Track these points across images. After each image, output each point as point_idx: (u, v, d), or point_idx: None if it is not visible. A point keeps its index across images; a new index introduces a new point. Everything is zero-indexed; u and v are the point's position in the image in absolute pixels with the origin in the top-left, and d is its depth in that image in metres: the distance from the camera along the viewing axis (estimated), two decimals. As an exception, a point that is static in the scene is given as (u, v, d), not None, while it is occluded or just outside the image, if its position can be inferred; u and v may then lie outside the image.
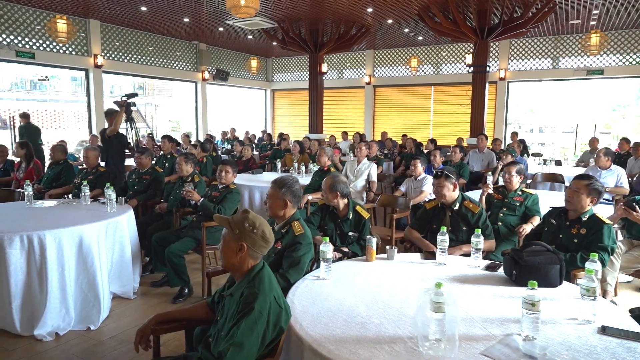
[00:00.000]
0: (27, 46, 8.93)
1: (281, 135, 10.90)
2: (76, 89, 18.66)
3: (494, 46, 11.70)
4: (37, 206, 4.04)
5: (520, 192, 4.03)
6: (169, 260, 3.73)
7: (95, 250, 3.38)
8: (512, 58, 11.86)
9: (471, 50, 9.81)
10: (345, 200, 3.37)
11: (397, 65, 13.48)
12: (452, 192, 3.25)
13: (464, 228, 3.22)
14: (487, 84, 9.19)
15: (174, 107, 21.40)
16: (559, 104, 17.05)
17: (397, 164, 9.19)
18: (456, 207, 3.26)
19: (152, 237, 4.24)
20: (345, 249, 3.28)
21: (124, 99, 5.52)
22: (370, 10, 8.89)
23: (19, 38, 8.80)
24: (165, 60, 11.91)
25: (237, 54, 14.25)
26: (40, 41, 9.13)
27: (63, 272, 3.22)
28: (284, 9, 8.98)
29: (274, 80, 15.86)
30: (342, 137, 11.85)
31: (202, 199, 4.01)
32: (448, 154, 10.48)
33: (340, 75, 14.50)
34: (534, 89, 13.21)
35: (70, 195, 5.48)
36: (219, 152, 10.08)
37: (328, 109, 12.79)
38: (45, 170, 6.09)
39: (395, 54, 13.44)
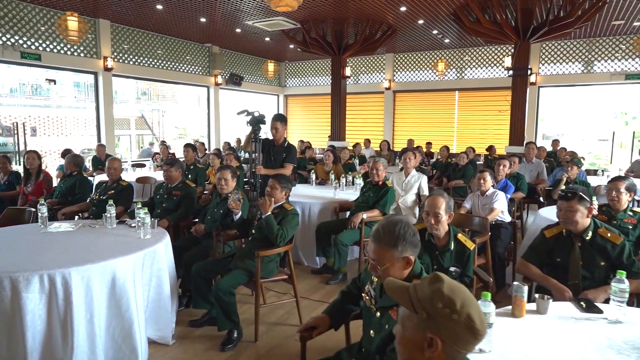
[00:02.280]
0: (32, 47, 8.27)
1: (302, 142, 10.25)
2: (79, 94, 17.99)
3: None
4: (54, 230, 3.35)
5: (631, 213, 3.38)
6: (217, 298, 3.03)
7: (130, 290, 2.69)
8: (542, 62, 11.25)
9: (510, 53, 9.21)
10: (446, 227, 2.70)
11: (419, 69, 12.86)
12: (585, 219, 2.57)
13: (602, 263, 2.54)
14: (528, 88, 8.56)
15: (179, 113, 20.75)
16: (573, 110, 16.37)
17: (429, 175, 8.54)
18: (588, 237, 2.59)
19: (188, 265, 3.57)
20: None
21: (248, 116, 4.58)
22: (403, 9, 8.27)
23: (24, 38, 8.15)
24: (176, 64, 11.26)
25: (250, 57, 13.62)
26: (47, 42, 8.47)
27: (92, 319, 2.54)
28: (308, 8, 8.35)
29: (287, 85, 15.24)
30: (364, 145, 11.19)
31: (269, 212, 3.31)
32: (479, 162, 9.89)
33: (356, 80, 13.88)
34: (555, 95, 12.50)
35: (83, 214, 4.81)
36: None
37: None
38: (57, 183, 5.41)
39: (417, 57, 12.83)
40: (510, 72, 8.55)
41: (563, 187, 4.94)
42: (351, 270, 4.70)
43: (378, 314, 1.82)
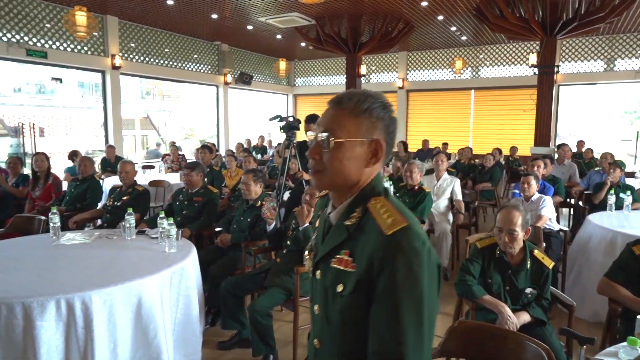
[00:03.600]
0: (38, 44, 7.94)
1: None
2: (83, 94, 17.69)
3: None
4: (67, 243, 3.01)
5: None
6: (253, 320, 2.70)
7: (158, 314, 2.35)
8: (562, 59, 10.88)
9: (533, 49, 8.87)
10: (522, 243, 2.36)
11: (433, 68, 12.50)
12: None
13: None
14: (554, 87, 8.20)
15: (185, 113, 20.44)
16: (578, 110, 15.95)
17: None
18: (690, 254, 2.24)
19: (214, 279, 3.24)
20: (526, 315, 2.26)
21: (281, 122, 4.20)
22: (424, 4, 7.91)
23: (30, 35, 7.82)
24: (185, 63, 10.93)
25: (260, 56, 13.29)
26: (54, 39, 8.15)
27: (115, 350, 2.20)
28: (323, 4, 7.97)
29: (296, 84, 14.90)
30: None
31: (307, 224, 2.98)
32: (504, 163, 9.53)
33: (367, 79, 13.51)
34: (573, 94, 12.10)
35: (95, 221, 4.49)
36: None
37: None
38: (66, 187, 5.09)
39: (431, 55, 12.47)
40: (536, 69, 8.18)
41: (612, 192, 4.58)
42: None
43: (318, 272, 1.11)
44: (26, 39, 7.75)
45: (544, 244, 3.63)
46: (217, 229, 3.98)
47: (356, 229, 1.03)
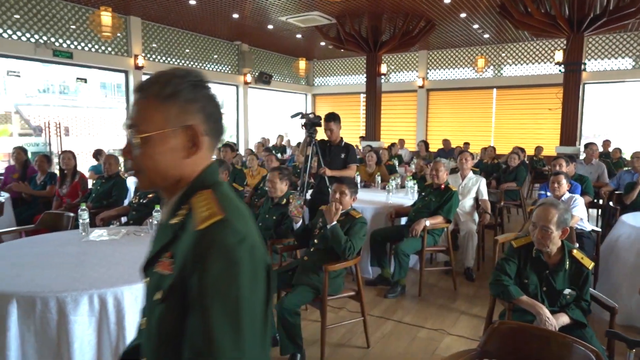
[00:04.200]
0: (64, 45, 8.09)
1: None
2: (106, 95, 18.00)
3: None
4: (97, 239, 3.04)
5: None
6: (282, 319, 2.66)
7: (188, 311, 2.35)
8: (587, 57, 10.61)
9: (559, 47, 8.68)
10: (559, 243, 2.28)
11: (454, 67, 12.34)
12: None
13: None
14: (581, 85, 8.01)
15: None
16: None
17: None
18: None
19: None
20: (565, 316, 2.19)
21: (302, 119, 4.21)
22: (447, 1, 7.81)
23: (56, 36, 7.98)
24: (205, 63, 11.02)
25: (279, 56, 13.31)
26: (79, 39, 8.30)
27: (147, 345, 2.20)
28: (344, 2, 7.95)
29: (315, 84, 14.88)
30: (399, 145, 10.75)
31: (335, 222, 2.95)
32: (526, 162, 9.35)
33: (387, 78, 13.41)
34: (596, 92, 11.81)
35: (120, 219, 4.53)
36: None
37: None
38: (92, 185, 5.16)
39: (452, 54, 12.32)
40: (562, 67, 8.00)
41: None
42: (409, 281, 4.30)
43: (147, 280, 0.97)
44: (53, 39, 7.91)
45: (577, 245, 3.52)
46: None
47: (180, 228, 0.91)
